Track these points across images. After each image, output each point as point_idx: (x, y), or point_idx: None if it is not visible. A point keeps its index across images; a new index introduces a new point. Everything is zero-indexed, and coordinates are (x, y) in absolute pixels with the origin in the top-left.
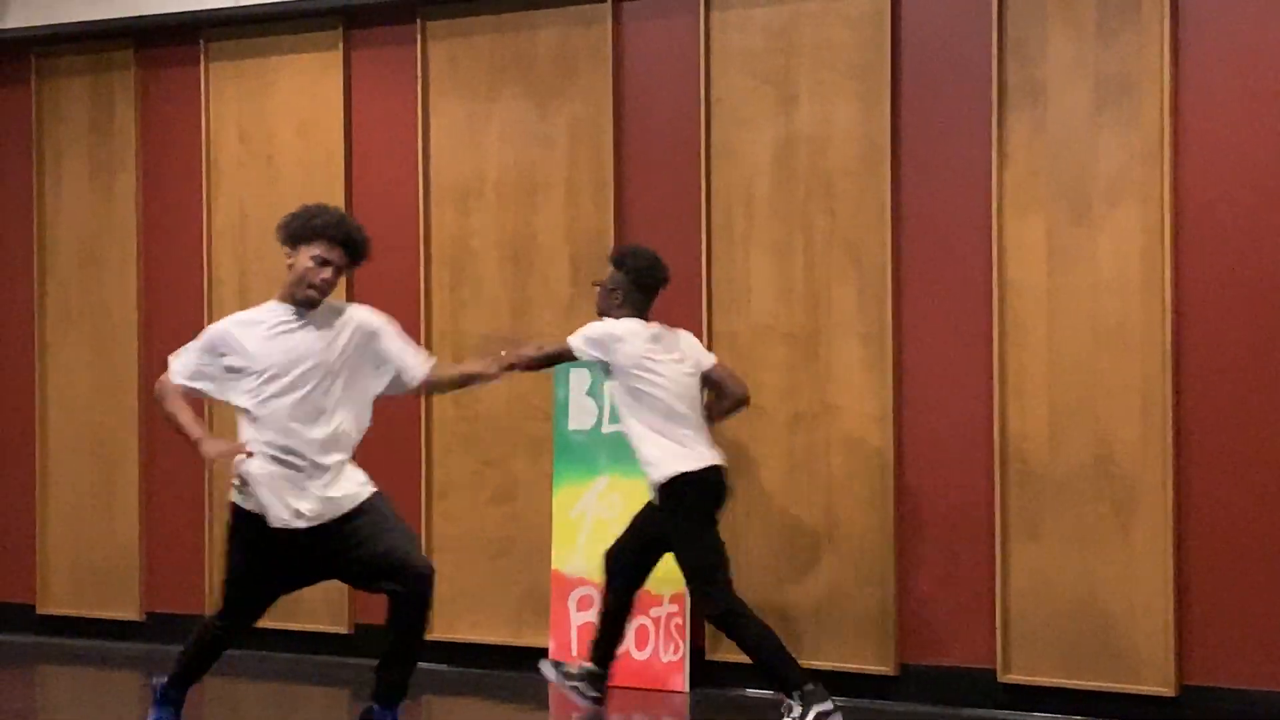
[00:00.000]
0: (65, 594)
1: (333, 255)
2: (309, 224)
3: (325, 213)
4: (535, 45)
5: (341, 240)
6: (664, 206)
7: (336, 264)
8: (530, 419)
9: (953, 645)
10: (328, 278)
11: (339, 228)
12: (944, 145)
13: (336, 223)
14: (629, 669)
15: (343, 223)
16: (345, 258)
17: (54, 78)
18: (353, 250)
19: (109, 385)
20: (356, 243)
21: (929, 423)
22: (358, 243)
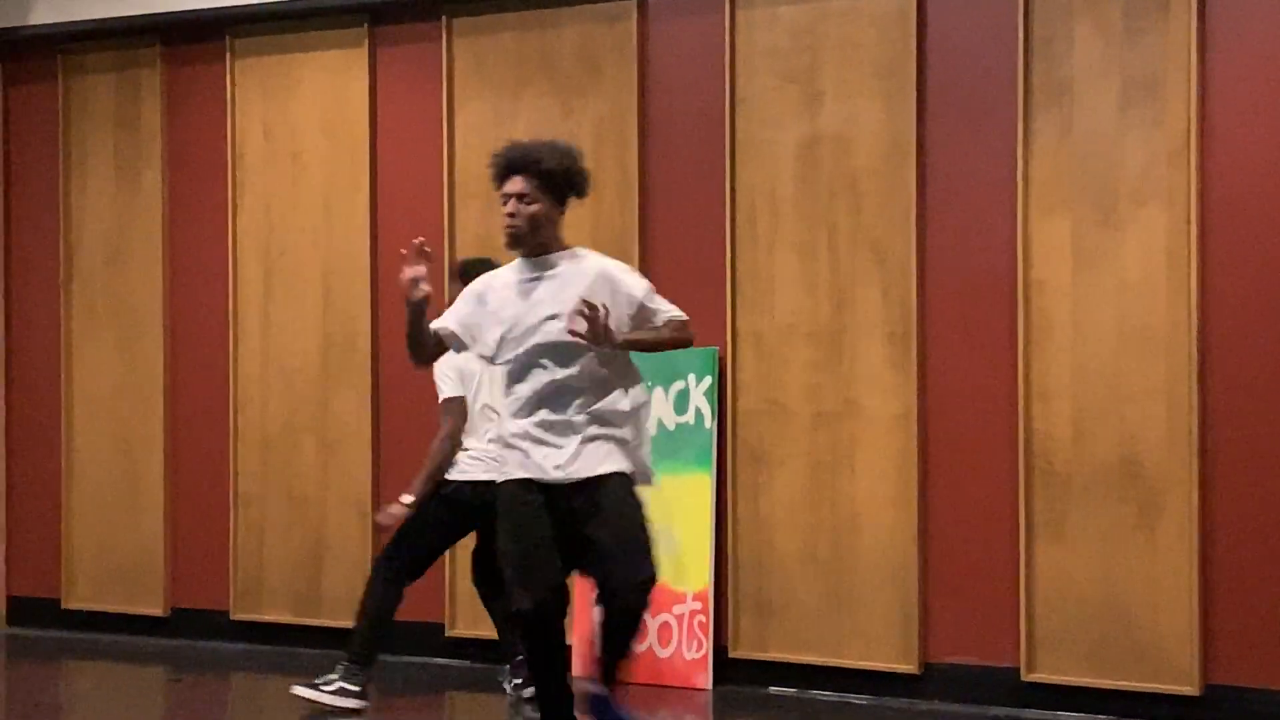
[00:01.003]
0: (90, 589)
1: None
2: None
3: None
4: (560, 43)
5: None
6: (688, 205)
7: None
8: None
9: (977, 644)
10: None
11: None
12: (969, 145)
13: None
14: (652, 666)
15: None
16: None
17: (80, 75)
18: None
19: (134, 382)
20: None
21: (953, 422)
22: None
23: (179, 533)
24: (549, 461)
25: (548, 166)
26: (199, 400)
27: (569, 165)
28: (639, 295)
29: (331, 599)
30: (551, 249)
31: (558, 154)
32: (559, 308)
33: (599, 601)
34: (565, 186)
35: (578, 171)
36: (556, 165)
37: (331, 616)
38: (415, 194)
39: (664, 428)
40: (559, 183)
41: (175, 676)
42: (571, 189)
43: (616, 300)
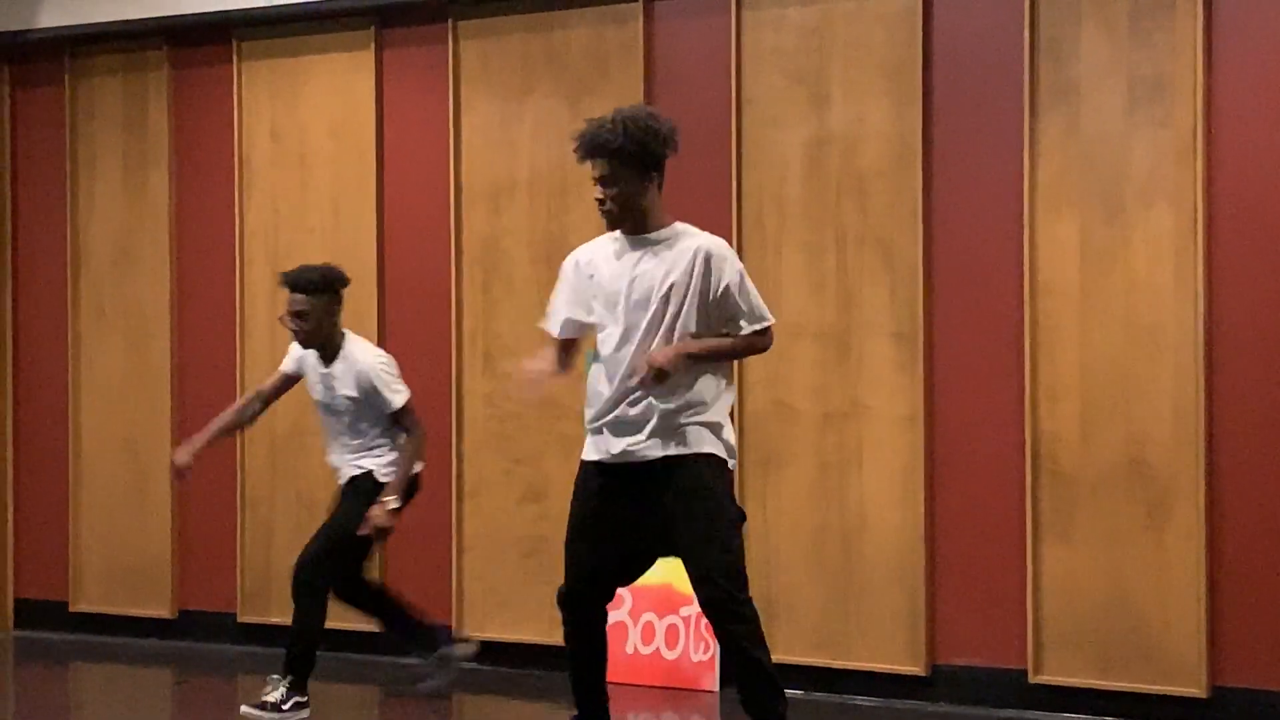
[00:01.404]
0: (97, 591)
1: None
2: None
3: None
4: (567, 44)
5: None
6: (695, 206)
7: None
8: (561, 418)
9: (984, 646)
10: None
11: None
12: (976, 145)
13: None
14: (659, 668)
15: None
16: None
17: (87, 77)
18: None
19: (141, 383)
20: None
21: (960, 423)
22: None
23: (186, 535)
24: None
25: (618, 145)
26: (206, 402)
27: (641, 138)
28: (731, 284)
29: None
30: (648, 227)
31: (629, 128)
32: (652, 289)
33: (696, 596)
34: (645, 159)
35: (654, 139)
36: (627, 143)
37: (339, 619)
38: (422, 196)
39: None
40: (636, 158)
41: (182, 679)
42: (653, 159)
43: (707, 283)
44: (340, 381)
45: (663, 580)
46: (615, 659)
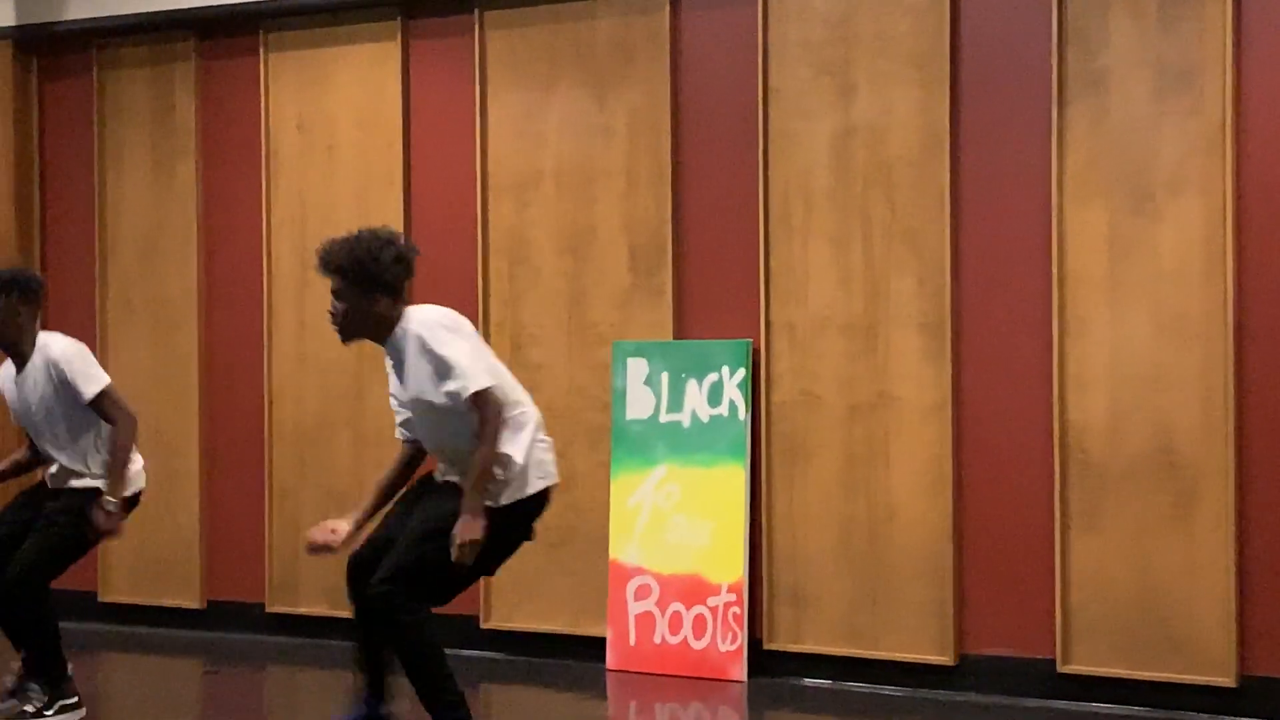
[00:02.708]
0: (127, 582)
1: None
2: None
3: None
4: (593, 35)
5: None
6: (722, 197)
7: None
8: (588, 409)
9: (1012, 635)
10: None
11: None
12: (1004, 134)
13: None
14: (687, 658)
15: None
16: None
17: (115, 69)
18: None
19: (169, 375)
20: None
21: (988, 413)
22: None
23: (215, 526)
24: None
25: (337, 264)
26: (234, 394)
27: (362, 259)
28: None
29: None
30: (381, 336)
31: (354, 250)
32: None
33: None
34: (367, 278)
35: (373, 262)
36: (348, 263)
37: None
38: (448, 187)
39: (698, 420)
40: (360, 276)
41: (211, 669)
42: (376, 278)
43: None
44: (33, 381)
45: (691, 570)
46: (643, 648)
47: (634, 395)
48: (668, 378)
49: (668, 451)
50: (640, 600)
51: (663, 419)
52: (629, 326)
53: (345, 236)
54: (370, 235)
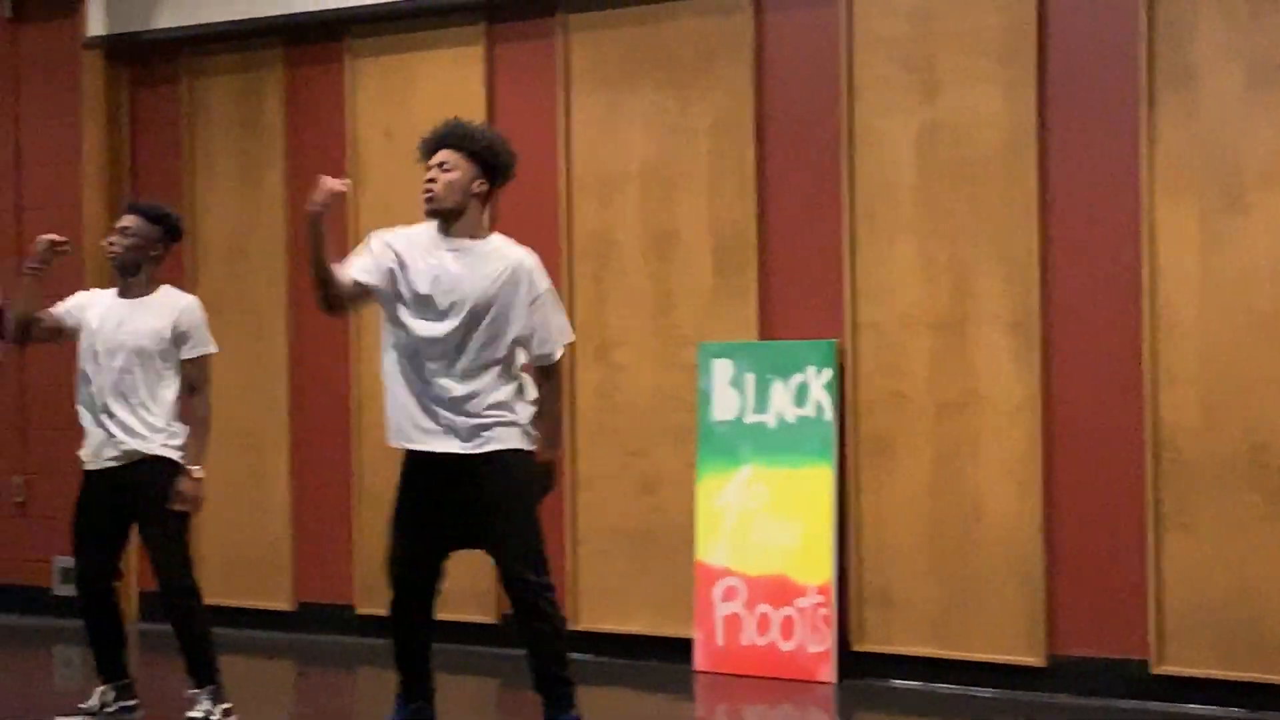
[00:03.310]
0: (218, 584)
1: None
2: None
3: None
4: (676, 36)
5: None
6: (806, 196)
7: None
8: (674, 409)
9: (1104, 636)
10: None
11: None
12: (1092, 130)
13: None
14: (775, 660)
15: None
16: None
17: (203, 76)
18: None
19: (259, 379)
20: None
21: (1078, 411)
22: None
23: (305, 529)
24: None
25: (474, 140)
26: (322, 397)
27: (495, 144)
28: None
29: (455, 592)
30: (455, 228)
31: (487, 132)
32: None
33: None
34: (489, 166)
35: (507, 154)
36: (484, 141)
37: (456, 611)
38: (532, 190)
39: (784, 420)
40: (486, 160)
41: (303, 670)
42: (495, 170)
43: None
44: (140, 319)
45: (778, 571)
46: (731, 650)
47: (720, 396)
48: (753, 379)
49: (754, 452)
50: (728, 602)
51: (748, 420)
52: (714, 328)
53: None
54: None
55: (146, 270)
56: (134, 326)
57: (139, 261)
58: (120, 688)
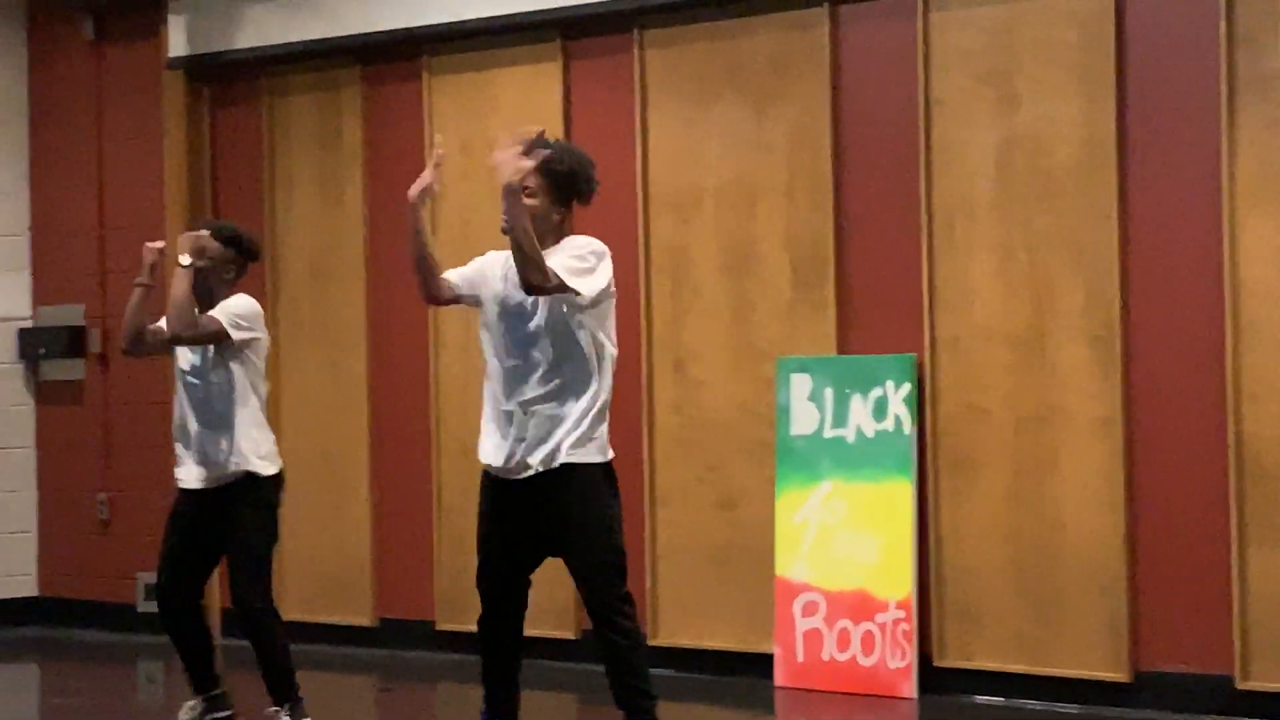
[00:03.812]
0: (300, 600)
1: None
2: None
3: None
4: (752, 51)
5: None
6: (883, 210)
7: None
8: (752, 424)
9: (1189, 651)
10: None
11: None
12: (1171, 141)
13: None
14: (856, 676)
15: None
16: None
17: (283, 96)
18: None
19: (339, 397)
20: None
21: (1161, 425)
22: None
23: (385, 544)
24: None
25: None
26: (402, 412)
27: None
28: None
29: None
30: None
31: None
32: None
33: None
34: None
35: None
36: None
37: (537, 627)
38: (609, 205)
39: (863, 435)
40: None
41: (384, 686)
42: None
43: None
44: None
45: (858, 586)
46: (811, 665)
47: (798, 411)
48: (832, 393)
49: (833, 467)
50: (807, 617)
51: (827, 434)
52: (792, 342)
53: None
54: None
55: (220, 292)
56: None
57: (210, 285)
58: (211, 699)
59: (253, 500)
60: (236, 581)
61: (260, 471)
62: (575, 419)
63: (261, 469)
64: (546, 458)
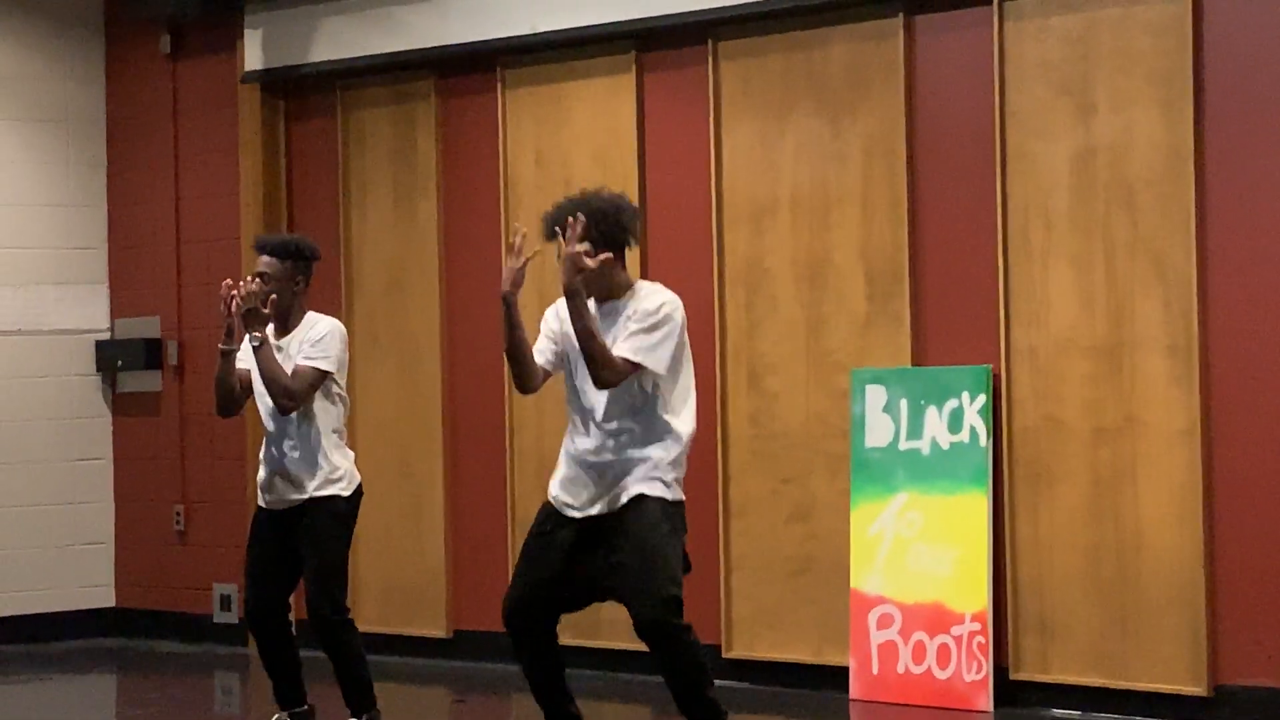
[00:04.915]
0: (375, 612)
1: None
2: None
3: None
4: (827, 62)
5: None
6: (959, 221)
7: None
8: (827, 436)
9: (1269, 665)
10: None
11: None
12: (1252, 150)
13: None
14: (932, 688)
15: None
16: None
17: (358, 109)
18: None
19: (414, 408)
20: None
21: (1240, 437)
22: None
23: (460, 556)
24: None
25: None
26: (477, 424)
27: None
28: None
29: (610, 621)
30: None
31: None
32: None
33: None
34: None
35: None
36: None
37: (610, 638)
38: (684, 217)
39: (938, 447)
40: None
41: (459, 698)
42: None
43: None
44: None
45: (934, 599)
46: (886, 678)
47: (873, 423)
48: (907, 405)
49: (908, 479)
50: (883, 629)
51: (902, 446)
52: (867, 354)
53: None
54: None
55: (296, 306)
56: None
57: (285, 305)
58: (296, 715)
59: (329, 514)
60: (312, 593)
61: (339, 494)
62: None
63: (339, 491)
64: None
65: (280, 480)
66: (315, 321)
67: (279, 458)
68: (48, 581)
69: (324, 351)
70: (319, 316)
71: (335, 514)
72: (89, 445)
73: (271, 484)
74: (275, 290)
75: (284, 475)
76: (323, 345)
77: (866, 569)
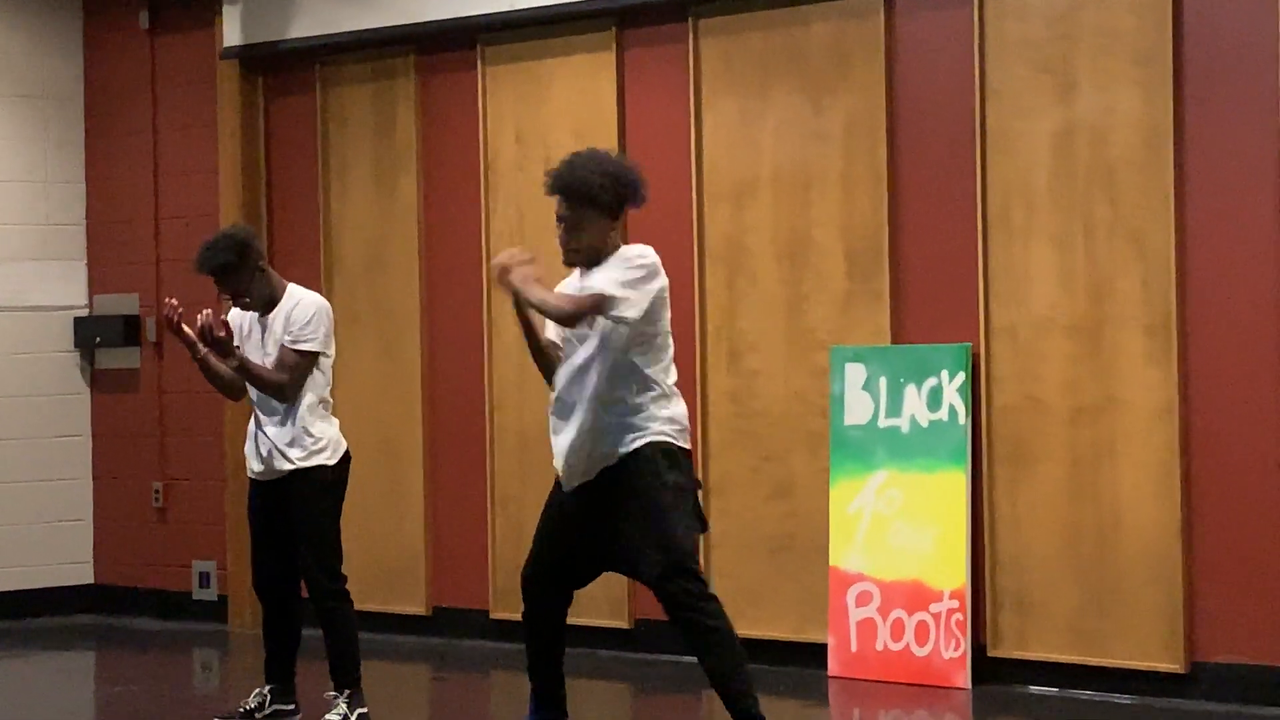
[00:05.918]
0: (355, 589)
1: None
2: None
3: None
4: (808, 40)
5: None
6: (940, 199)
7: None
8: (807, 414)
9: (1247, 642)
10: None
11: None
12: (1231, 130)
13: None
14: (910, 666)
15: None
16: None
17: (338, 85)
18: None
19: (394, 386)
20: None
21: (1217, 416)
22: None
23: (439, 533)
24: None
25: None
26: (457, 401)
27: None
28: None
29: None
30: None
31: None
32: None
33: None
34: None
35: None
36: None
37: (592, 616)
38: (665, 194)
39: (917, 425)
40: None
41: (438, 675)
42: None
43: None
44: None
45: (912, 576)
46: (865, 655)
47: (852, 401)
48: (886, 383)
49: (887, 457)
50: (861, 607)
51: (882, 424)
52: (847, 332)
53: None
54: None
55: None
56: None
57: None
58: (275, 691)
59: (316, 484)
60: (307, 564)
61: (324, 464)
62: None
63: (324, 460)
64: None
65: (266, 452)
66: (300, 298)
67: (264, 429)
68: (26, 558)
69: (312, 333)
70: (302, 292)
71: (322, 484)
72: (67, 422)
73: (258, 455)
74: (243, 290)
75: (269, 447)
76: (311, 327)
77: (846, 547)
